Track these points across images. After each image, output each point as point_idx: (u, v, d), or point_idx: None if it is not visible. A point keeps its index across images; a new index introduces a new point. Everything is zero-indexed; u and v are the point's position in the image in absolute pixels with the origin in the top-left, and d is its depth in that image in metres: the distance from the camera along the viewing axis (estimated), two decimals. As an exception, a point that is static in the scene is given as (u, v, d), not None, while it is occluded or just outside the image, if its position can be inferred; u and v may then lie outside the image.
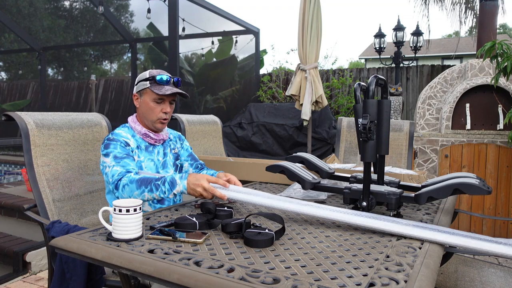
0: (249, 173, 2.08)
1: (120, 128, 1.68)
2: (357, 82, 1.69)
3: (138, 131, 1.67)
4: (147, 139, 1.68)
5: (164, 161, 1.73)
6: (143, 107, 1.66)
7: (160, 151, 1.73)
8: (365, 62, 22.53)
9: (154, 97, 1.63)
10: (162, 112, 1.64)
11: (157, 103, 1.64)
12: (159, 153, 1.72)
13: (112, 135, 1.61)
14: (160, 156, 1.72)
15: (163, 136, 1.73)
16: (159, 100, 1.63)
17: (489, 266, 1.71)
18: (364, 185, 1.32)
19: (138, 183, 1.42)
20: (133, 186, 1.42)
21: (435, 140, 3.65)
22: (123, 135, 1.62)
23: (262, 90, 6.26)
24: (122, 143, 1.58)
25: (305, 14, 4.08)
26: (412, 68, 5.84)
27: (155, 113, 1.64)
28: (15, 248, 2.70)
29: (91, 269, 1.43)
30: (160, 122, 1.66)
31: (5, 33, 6.71)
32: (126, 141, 1.60)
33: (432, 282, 0.84)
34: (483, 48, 2.92)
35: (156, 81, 1.62)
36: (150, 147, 1.69)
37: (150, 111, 1.64)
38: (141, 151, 1.66)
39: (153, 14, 5.60)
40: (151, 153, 1.69)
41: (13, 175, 4.80)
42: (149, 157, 1.67)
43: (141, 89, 1.66)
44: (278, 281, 0.82)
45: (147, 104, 1.64)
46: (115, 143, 1.57)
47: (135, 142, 1.65)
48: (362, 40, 64.05)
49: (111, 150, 1.55)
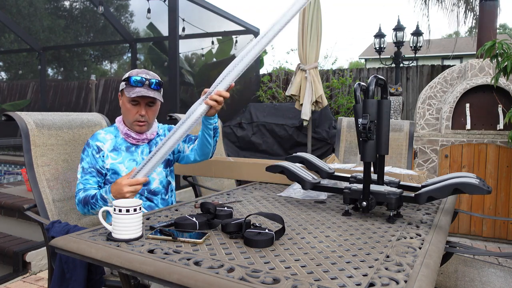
0: (249, 173, 2.08)
1: (107, 127, 1.69)
2: (357, 82, 1.69)
3: (121, 131, 1.66)
4: (128, 139, 1.65)
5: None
6: (123, 107, 1.64)
7: (145, 150, 1.69)
8: (365, 62, 22.53)
9: (128, 98, 1.60)
10: (138, 115, 1.60)
11: (132, 105, 1.60)
12: (143, 152, 1.68)
13: (90, 139, 1.64)
14: (145, 155, 1.68)
15: (147, 136, 1.68)
16: (133, 102, 1.59)
17: (489, 266, 1.71)
18: (364, 185, 1.32)
19: (82, 203, 1.52)
20: (81, 206, 1.54)
21: (435, 140, 3.65)
22: (100, 137, 1.63)
23: (262, 90, 6.25)
24: (95, 149, 1.61)
25: (305, 14, 4.08)
26: (412, 68, 5.83)
27: (131, 115, 1.61)
28: (15, 248, 2.70)
29: (91, 269, 1.43)
30: (137, 124, 1.62)
31: (5, 33, 6.71)
32: (99, 146, 1.61)
33: (432, 282, 0.84)
34: (483, 48, 2.92)
35: (130, 83, 1.57)
36: (133, 147, 1.66)
37: (127, 112, 1.62)
38: (119, 152, 1.63)
39: (153, 14, 5.60)
40: (133, 153, 1.66)
41: (13, 175, 4.80)
42: (131, 157, 1.65)
43: (121, 89, 1.64)
44: (278, 281, 0.82)
45: (124, 105, 1.63)
46: (88, 150, 1.61)
47: (114, 143, 1.64)
48: (362, 40, 64.05)
49: (83, 158, 1.61)
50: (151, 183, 1.68)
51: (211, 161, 2.20)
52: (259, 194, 1.75)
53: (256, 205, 1.54)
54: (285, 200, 1.63)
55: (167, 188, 1.74)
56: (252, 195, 1.73)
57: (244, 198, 1.67)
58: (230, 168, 2.14)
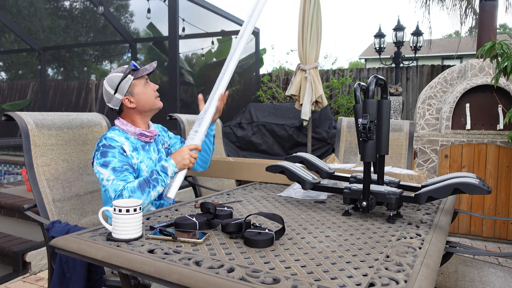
0: (249, 173, 2.08)
1: (111, 131, 1.60)
2: (357, 82, 1.69)
3: (132, 132, 1.62)
4: (142, 138, 1.64)
5: (159, 157, 1.71)
6: (141, 99, 1.62)
7: (154, 148, 1.71)
8: (365, 62, 22.52)
9: (143, 82, 1.64)
10: (154, 91, 1.67)
11: (145, 86, 1.65)
12: (154, 150, 1.70)
13: (106, 141, 1.53)
14: (155, 153, 1.70)
15: (154, 132, 1.70)
16: (145, 82, 1.65)
17: (489, 266, 1.71)
18: (364, 185, 1.32)
19: (140, 189, 1.44)
20: (138, 194, 1.43)
21: (435, 140, 3.65)
22: (117, 139, 1.56)
23: (262, 90, 6.25)
24: (120, 150, 1.53)
25: (305, 14, 4.07)
26: (412, 68, 5.83)
27: (152, 94, 1.66)
28: (15, 248, 2.70)
29: (91, 269, 1.43)
30: (158, 100, 1.69)
31: (5, 33, 6.71)
32: (122, 146, 1.55)
33: (432, 282, 0.84)
34: (483, 48, 2.92)
35: (134, 69, 1.62)
36: (146, 145, 1.67)
37: (148, 96, 1.64)
38: (139, 151, 1.62)
39: (153, 14, 5.60)
40: (148, 152, 1.66)
41: (13, 175, 4.80)
42: (147, 155, 1.65)
43: (127, 88, 1.60)
44: (278, 281, 0.82)
45: (142, 94, 1.63)
46: (113, 151, 1.51)
47: (131, 144, 1.60)
48: (362, 40, 64.04)
49: (110, 160, 1.49)
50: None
51: (211, 161, 2.20)
52: (259, 194, 1.75)
53: (256, 205, 1.54)
54: (285, 200, 1.63)
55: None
56: (252, 195, 1.73)
57: (244, 198, 1.67)
58: (230, 168, 2.14)
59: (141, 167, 1.60)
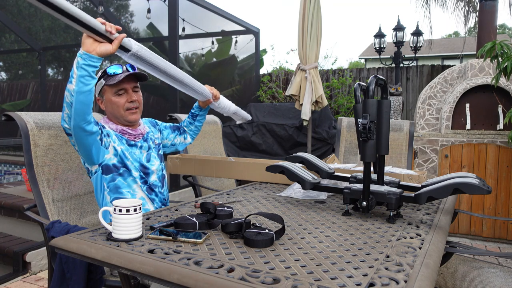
0: (249, 173, 2.08)
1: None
2: (357, 82, 1.69)
3: (115, 129, 1.63)
4: (125, 135, 1.64)
5: (148, 154, 1.70)
6: (109, 106, 1.61)
7: (144, 145, 1.70)
8: (365, 62, 22.51)
9: (113, 90, 1.58)
10: (128, 103, 1.60)
11: (119, 95, 1.59)
12: (142, 147, 1.69)
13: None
14: (144, 149, 1.69)
15: (141, 131, 1.69)
16: (120, 92, 1.58)
17: (489, 266, 1.71)
18: (364, 185, 1.32)
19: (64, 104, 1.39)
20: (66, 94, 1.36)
21: (435, 140, 3.65)
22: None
23: (262, 90, 6.25)
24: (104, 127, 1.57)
25: (305, 14, 4.07)
26: (412, 68, 5.84)
27: (121, 106, 1.59)
28: (15, 248, 2.70)
29: (91, 269, 1.43)
30: (130, 113, 1.61)
31: (6, 33, 6.71)
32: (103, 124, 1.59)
33: (432, 282, 0.84)
34: (483, 49, 2.92)
35: (108, 74, 1.57)
36: (131, 142, 1.66)
37: (115, 106, 1.59)
38: (123, 144, 1.62)
39: (153, 14, 5.60)
40: (133, 147, 1.65)
41: (13, 175, 4.80)
42: (131, 150, 1.64)
43: (99, 90, 1.60)
44: (278, 281, 0.82)
45: (110, 102, 1.59)
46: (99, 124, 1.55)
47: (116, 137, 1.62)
48: (362, 40, 64.04)
49: None
50: (150, 175, 1.68)
51: (211, 161, 2.20)
52: (259, 194, 1.75)
53: (256, 205, 1.54)
54: (285, 200, 1.63)
55: (162, 182, 1.76)
56: (252, 195, 1.73)
57: (244, 198, 1.67)
58: (230, 168, 2.14)
59: (126, 155, 1.60)
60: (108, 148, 1.56)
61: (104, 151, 1.54)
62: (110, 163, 1.57)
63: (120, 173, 1.59)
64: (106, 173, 1.58)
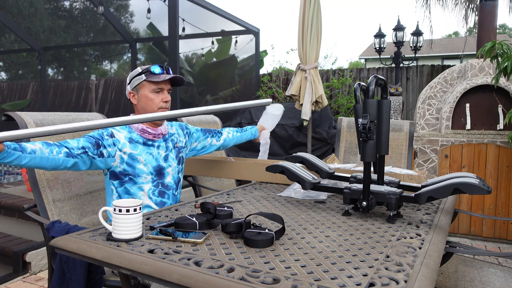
0: (249, 173, 2.08)
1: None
2: (357, 82, 1.69)
3: (136, 128, 1.66)
4: (144, 135, 1.67)
5: (166, 155, 1.73)
6: (142, 101, 1.66)
7: (162, 145, 1.72)
8: (365, 62, 22.51)
9: (152, 88, 1.65)
10: (162, 102, 1.67)
11: (156, 93, 1.66)
12: (160, 147, 1.71)
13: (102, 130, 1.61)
14: (162, 150, 1.71)
15: (161, 131, 1.72)
16: (158, 90, 1.66)
17: (489, 266, 1.71)
18: (364, 185, 1.32)
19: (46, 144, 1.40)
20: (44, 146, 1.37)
21: (435, 140, 3.65)
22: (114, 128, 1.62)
23: (262, 90, 6.25)
24: (108, 132, 1.59)
25: (305, 14, 4.07)
26: (412, 68, 5.83)
27: (156, 104, 1.65)
28: (15, 248, 2.70)
29: (91, 269, 1.43)
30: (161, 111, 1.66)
31: (6, 33, 6.71)
32: (113, 132, 1.60)
33: (432, 282, 0.84)
34: (483, 49, 2.92)
35: (152, 72, 1.64)
36: (149, 141, 1.68)
37: (150, 102, 1.65)
38: (136, 145, 1.64)
39: (153, 14, 5.60)
40: (150, 147, 1.67)
41: (13, 175, 4.80)
42: (148, 150, 1.66)
43: (137, 84, 1.66)
44: (278, 281, 0.82)
45: (146, 97, 1.65)
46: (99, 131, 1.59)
47: (130, 136, 1.63)
48: (362, 40, 64.05)
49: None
50: (165, 176, 1.70)
51: (211, 161, 2.20)
52: (259, 194, 1.75)
53: (256, 205, 1.54)
54: (285, 200, 1.63)
55: (177, 184, 1.79)
56: (252, 195, 1.73)
57: (244, 198, 1.67)
58: (230, 168, 2.14)
59: (138, 158, 1.63)
60: (115, 157, 1.59)
61: (109, 160, 1.58)
62: (117, 170, 1.62)
63: (127, 180, 1.63)
64: (113, 179, 1.64)
